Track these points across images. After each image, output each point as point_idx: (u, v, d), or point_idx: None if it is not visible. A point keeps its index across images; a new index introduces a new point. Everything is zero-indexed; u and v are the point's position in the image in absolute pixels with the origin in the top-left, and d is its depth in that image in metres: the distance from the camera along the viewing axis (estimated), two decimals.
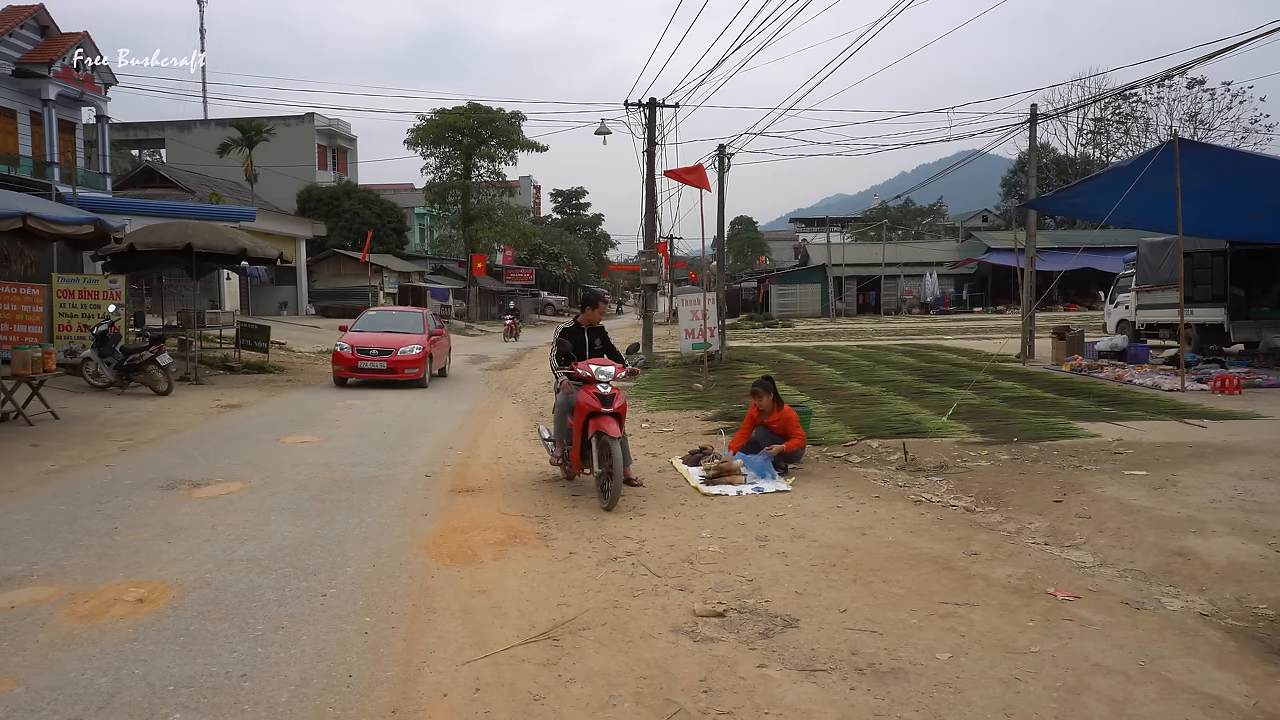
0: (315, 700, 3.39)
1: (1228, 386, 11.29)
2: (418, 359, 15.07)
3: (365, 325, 16.45)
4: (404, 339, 15.48)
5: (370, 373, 14.85)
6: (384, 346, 15.06)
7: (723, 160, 19.11)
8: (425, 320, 16.65)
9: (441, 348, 17.15)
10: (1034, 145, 18.43)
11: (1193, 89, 51.89)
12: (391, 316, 17.33)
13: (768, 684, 3.50)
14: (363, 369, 14.84)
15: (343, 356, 15.01)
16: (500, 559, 5.23)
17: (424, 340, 15.63)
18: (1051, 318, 30.31)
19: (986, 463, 7.59)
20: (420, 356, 15.13)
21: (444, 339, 17.61)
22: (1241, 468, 6.89)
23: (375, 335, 15.64)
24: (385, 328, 16.16)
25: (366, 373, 14.86)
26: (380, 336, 15.56)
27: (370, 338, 15.51)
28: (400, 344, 15.19)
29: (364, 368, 14.83)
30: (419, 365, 15.04)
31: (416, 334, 15.88)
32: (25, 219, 10.50)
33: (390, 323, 16.62)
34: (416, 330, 16.11)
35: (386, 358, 14.84)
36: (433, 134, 45.11)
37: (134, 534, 5.71)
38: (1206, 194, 12.14)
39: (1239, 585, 4.48)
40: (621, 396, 6.70)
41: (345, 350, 15.04)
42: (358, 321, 16.81)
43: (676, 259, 51.94)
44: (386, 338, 15.47)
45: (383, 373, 14.81)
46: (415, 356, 15.06)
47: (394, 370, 14.81)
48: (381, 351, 14.93)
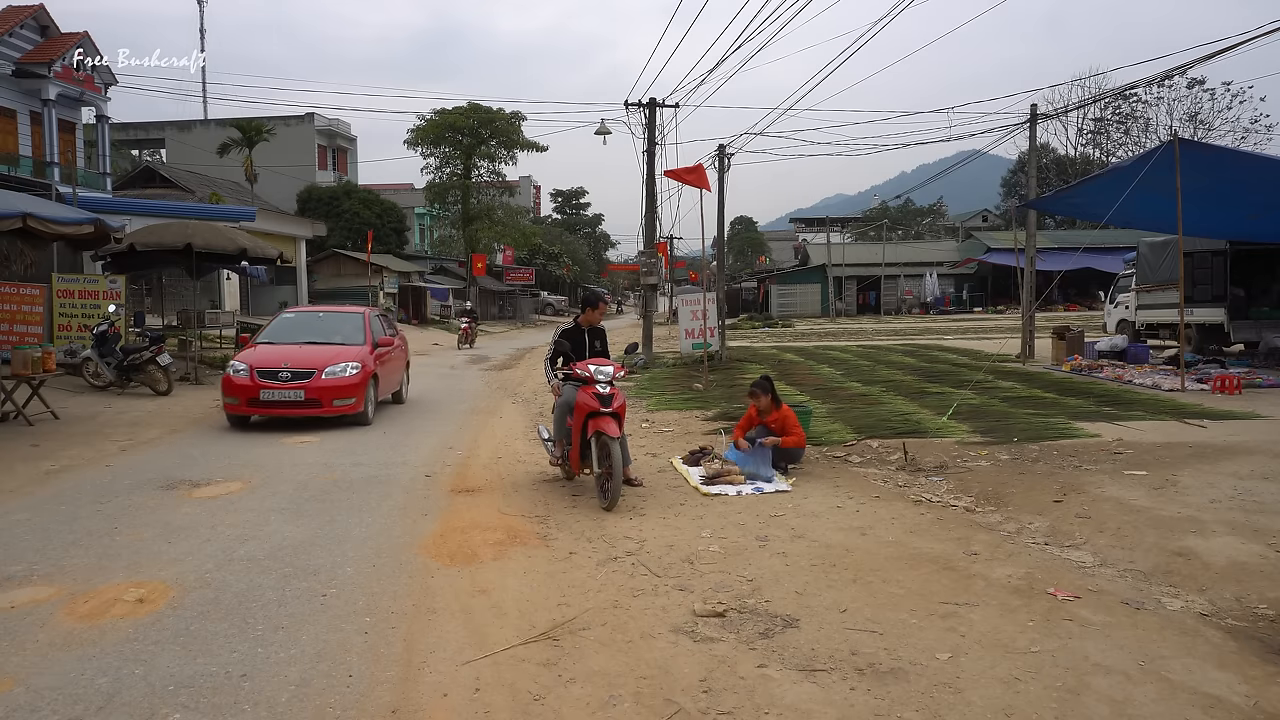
0: (315, 700, 3.39)
1: (1228, 386, 11.29)
2: (353, 384, 10.40)
3: (277, 333, 11.73)
4: (333, 354, 10.67)
5: (279, 407, 10.21)
6: (301, 366, 10.33)
7: (723, 160, 19.12)
8: (368, 325, 11.80)
9: (394, 364, 12.51)
10: (1034, 145, 18.43)
11: (1193, 89, 51.94)
12: (318, 320, 12.39)
13: (768, 684, 3.50)
14: (267, 402, 10.17)
15: (236, 383, 10.17)
16: (500, 559, 5.23)
17: (364, 355, 10.92)
18: (1051, 318, 30.30)
19: (986, 463, 7.59)
20: (356, 381, 10.45)
21: (397, 351, 12.89)
22: (1241, 468, 6.89)
23: (289, 350, 10.85)
24: (306, 337, 11.46)
25: (273, 407, 10.22)
26: (297, 351, 10.77)
27: (281, 353, 10.71)
28: (326, 361, 10.45)
29: (269, 400, 10.14)
30: (355, 393, 10.43)
31: (353, 345, 11.11)
32: (25, 219, 10.51)
33: (315, 329, 11.85)
34: (354, 339, 11.34)
35: (304, 383, 10.17)
36: (433, 134, 45.10)
37: (134, 534, 5.72)
38: (1206, 194, 12.14)
39: (1239, 585, 4.48)
40: (621, 396, 6.71)
41: (240, 374, 10.21)
42: (267, 328, 12.13)
43: (676, 259, 51.92)
44: (306, 353, 10.71)
45: (298, 406, 10.20)
46: (349, 381, 10.38)
47: (316, 402, 10.20)
48: (297, 374, 10.22)
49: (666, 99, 19.65)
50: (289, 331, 11.74)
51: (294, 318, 12.57)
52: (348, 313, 12.80)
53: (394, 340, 12.84)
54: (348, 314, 12.66)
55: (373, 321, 12.08)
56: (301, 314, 13.13)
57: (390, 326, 13.28)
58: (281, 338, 11.50)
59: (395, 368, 12.58)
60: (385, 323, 13.03)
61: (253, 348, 11.19)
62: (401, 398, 13.10)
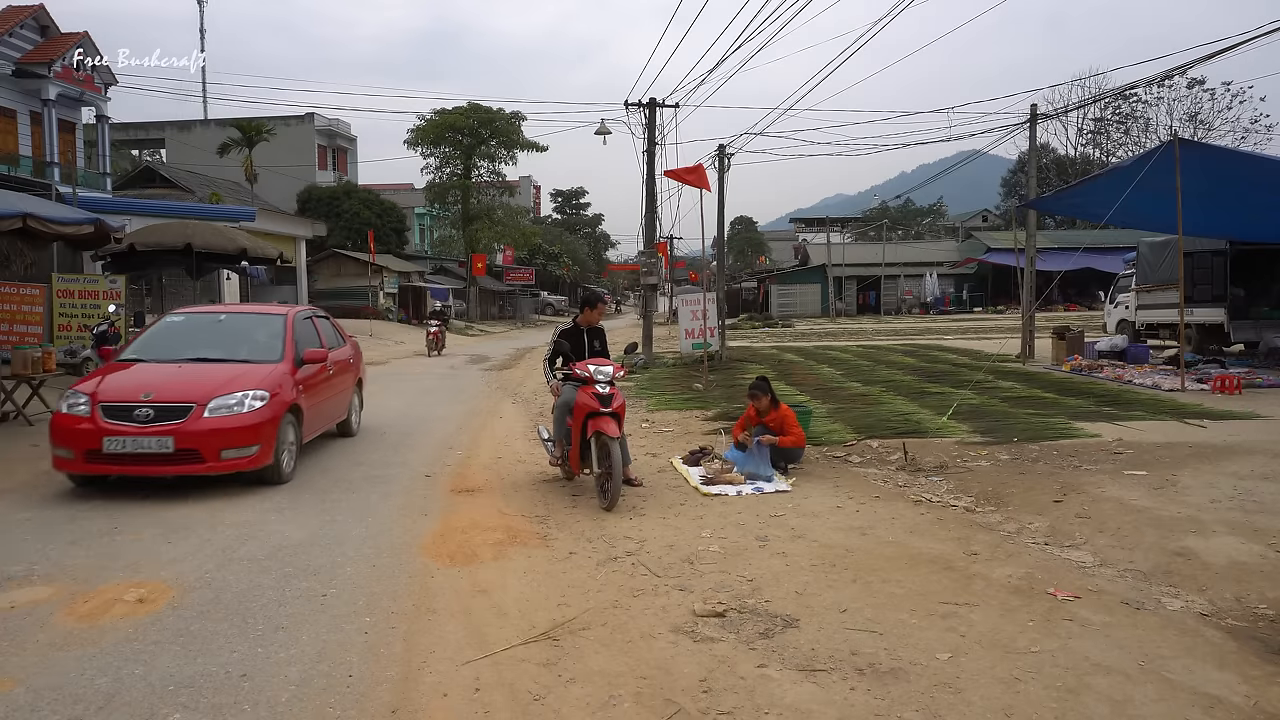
0: (315, 700, 3.39)
1: (1228, 386, 11.30)
2: (253, 424, 6.85)
3: (153, 347, 8.01)
4: (226, 378, 7.15)
5: (133, 462, 6.64)
6: (172, 399, 6.80)
7: (723, 160, 19.13)
8: (290, 332, 8.18)
9: (336, 386, 8.97)
10: (1034, 145, 18.43)
11: (1193, 89, 51.96)
12: (217, 326, 8.66)
13: (768, 684, 3.50)
14: (114, 455, 6.60)
15: (69, 426, 6.73)
16: (500, 559, 5.23)
17: (278, 378, 7.43)
18: (1051, 318, 30.30)
19: (986, 463, 7.59)
20: (260, 419, 6.91)
21: (343, 367, 9.35)
22: (1241, 468, 6.90)
23: (159, 373, 7.29)
24: (195, 351, 7.82)
25: (124, 462, 6.64)
26: (170, 375, 7.24)
27: (144, 378, 7.17)
28: (212, 389, 6.92)
29: (117, 452, 6.58)
30: (257, 437, 6.87)
31: (263, 364, 7.59)
32: (25, 219, 10.52)
33: (211, 339, 8.20)
34: (266, 355, 7.82)
35: (175, 426, 6.62)
36: (433, 134, 45.14)
37: (134, 534, 5.72)
38: (1206, 194, 12.14)
39: (1239, 585, 4.49)
40: (620, 397, 6.71)
41: (78, 410, 6.78)
42: (141, 337, 8.44)
43: (676, 259, 51.94)
44: (184, 377, 7.19)
45: (164, 461, 6.64)
46: (248, 420, 6.84)
47: (193, 454, 6.63)
48: (165, 412, 6.68)
49: (666, 99, 19.67)
50: (172, 343, 8.01)
51: (183, 322, 8.68)
52: (264, 314, 8.91)
53: (338, 352, 9.27)
54: (264, 316, 8.78)
55: (300, 327, 8.51)
56: (195, 317, 8.97)
57: (335, 333, 9.75)
58: (158, 353, 7.80)
59: (337, 390, 9.04)
60: (325, 328, 9.39)
61: (105, 370, 7.66)
62: (350, 429, 9.67)
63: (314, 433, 8.41)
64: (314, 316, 9.46)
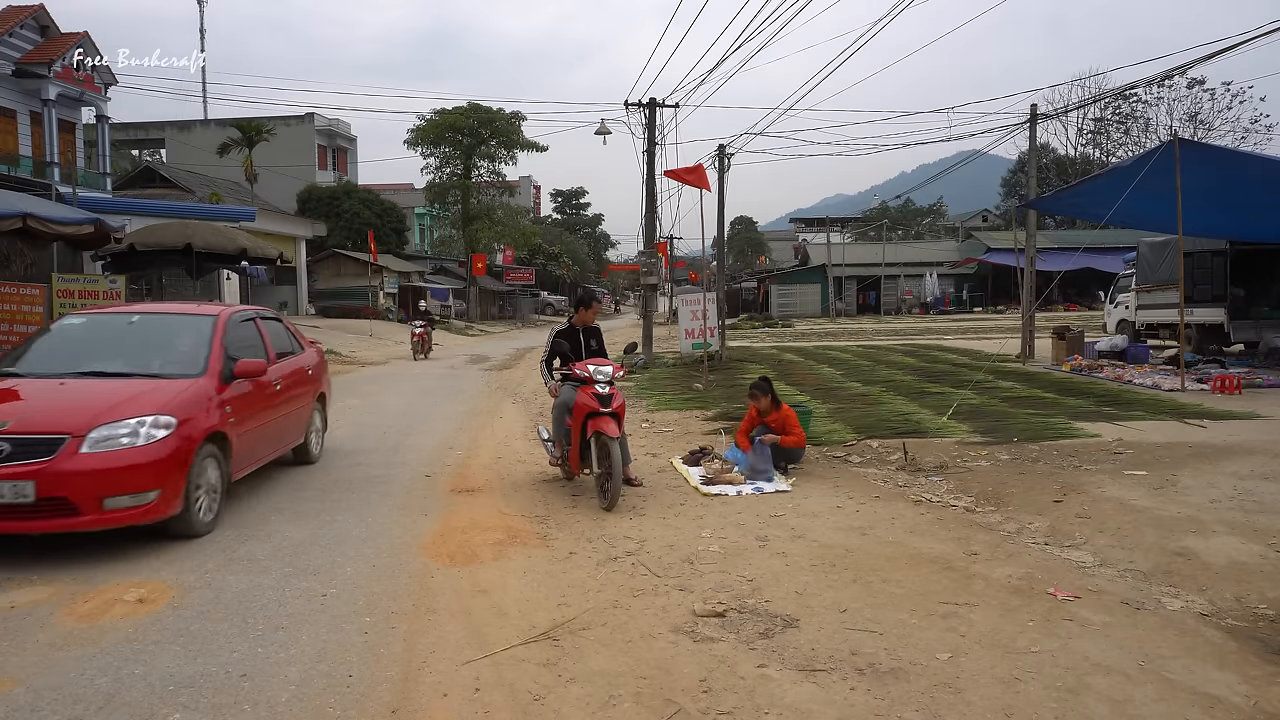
0: (315, 700, 3.39)
1: (1228, 386, 11.30)
2: (148, 462, 5.15)
3: (41, 359, 6.33)
4: (118, 399, 5.45)
5: None
6: (35, 429, 5.10)
7: (723, 160, 19.14)
8: (219, 339, 6.45)
9: (287, 405, 7.34)
10: (1034, 145, 18.43)
11: (1193, 89, 51.94)
12: (127, 331, 6.86)
13: (768, 684, 3.50)
14: None
15: None
16: (500, 559, 5.23)
17: (193, 397, 5.76)
18: (1051, 318, 30.30)
19: (986, 463, 7.59)
20: (159, 455, 5.20)
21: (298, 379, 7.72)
22: (1241, 468, 6.90)
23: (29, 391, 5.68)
24: (94, 363, 6.17)
25: None
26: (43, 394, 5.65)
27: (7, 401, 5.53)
28: (95, 415, 5.19)
29: None
30: (155, 478, 5.16)
31: (176, 379, 5.91)
32: (25, 219, 10.53)
33: (118, 347, 6.57)
34: (182, 367, 6.14)
35: (37, 466, 4.90)
36: (433, 134, 45.14)
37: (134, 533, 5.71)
38: (1206, 194, 12.15)
39: (1239, 585, 4.49)
40: (620, 396, 6.71)
41: None
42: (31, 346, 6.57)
43: (676, 259, 51.96)
44: (63, 398, 5.59)
45: (21, 514, 4.93)
46: (140, 456, 5.14)
47: (62, 503, 4.94)
48: (23, 446, 4.97)
49: (666, 99, 19.68)
50: (66, 353, 6.44)
51: (83, 325, 6.98)
52: (189, 315, 6.99)
53: (289, 362, 7.69)
54: (188, 318, 6.92)
55: (234, 332, 6.81)
56: (99, 319, 7.16)
57: (290, 337, 8.16)
58: (45, 365, 6.18)
59: (289, 408, 7.39)
60: (274, 331, 7.77)
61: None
62: (309, 454, 8.05)
63: (252, 465, 6.67)
64: (258, 318, 7.62)
